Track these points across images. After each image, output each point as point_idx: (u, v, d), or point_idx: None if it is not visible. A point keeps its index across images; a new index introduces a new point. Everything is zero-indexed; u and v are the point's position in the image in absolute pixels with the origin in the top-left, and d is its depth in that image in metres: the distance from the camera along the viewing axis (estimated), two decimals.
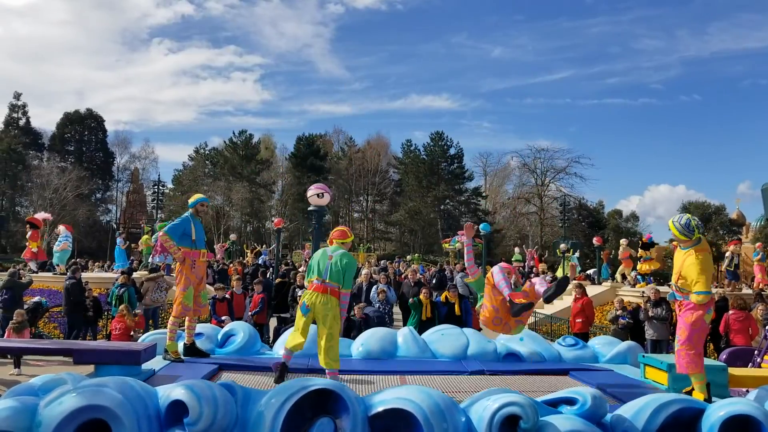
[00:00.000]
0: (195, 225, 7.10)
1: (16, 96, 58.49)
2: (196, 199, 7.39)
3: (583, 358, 7.88)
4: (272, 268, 19.21)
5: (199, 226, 7.19)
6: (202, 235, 7.19)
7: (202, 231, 7.26)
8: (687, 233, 5.67)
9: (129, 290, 12.81)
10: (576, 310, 12.81)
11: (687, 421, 4.46)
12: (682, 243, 5.79)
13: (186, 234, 7.00)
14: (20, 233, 19.09)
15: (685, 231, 5.67)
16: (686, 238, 5.69)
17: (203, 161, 63.49)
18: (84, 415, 3.97)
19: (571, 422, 4.22)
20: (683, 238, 5.70)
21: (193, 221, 7.12)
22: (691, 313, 5.60)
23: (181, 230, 7.00)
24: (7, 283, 12.66)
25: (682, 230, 5.69)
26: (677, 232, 5.72)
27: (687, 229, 5.67)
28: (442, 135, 62.66)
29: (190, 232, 7.01)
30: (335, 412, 4.19)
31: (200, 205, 7.33)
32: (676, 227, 5.72)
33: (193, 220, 7.13)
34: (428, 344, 7.86)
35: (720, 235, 47.44)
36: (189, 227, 7.03)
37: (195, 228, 7.07)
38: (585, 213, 58.00)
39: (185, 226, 7.03)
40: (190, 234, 7.01)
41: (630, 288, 18.68)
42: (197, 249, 7.06)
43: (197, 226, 7.14)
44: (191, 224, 7.06)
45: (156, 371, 6.25)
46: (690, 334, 5.59)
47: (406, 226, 61.13)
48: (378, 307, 11.66)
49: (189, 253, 6.99)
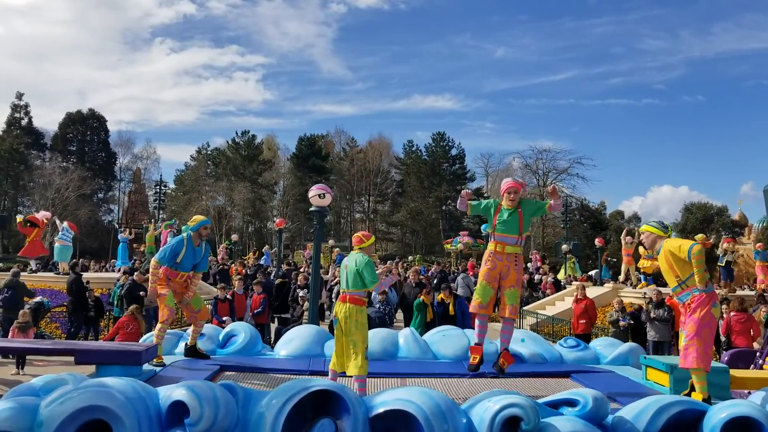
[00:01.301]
0: (187, 249, 7.01)
1: (18, 96, 58.58)
2: (198, 223, 7.22)
3: (584, 359, 7.87)
4: (274, 269, 19.22)
5: (192, 250, 7.06)
6: (190, 260, 7.07)
7: (193, 255, 7.10)
8: (662, 228, 6.04)
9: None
10: (579, 311, 12.81)
11: (688, 423, 4.45)
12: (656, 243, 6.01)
13: (176, 256, 6.97)
14: (22, 233, 19.05)
15: (660, 227, 6.06)
16: (663, 233, 6.00)
17: (205, 161, 63.53)
18: (85, 416, 3.98)
19: (573, 424, 4.21)
20: (660, 233, 6.00)
21: (186, 245, 7.03)
22: (699, 309, 5.63)
23: (173, 255, 6.96)
24: (10, 282, 12.69)
25: (659, 225, 6.08)
26: (654, 228, 6.07)
27: (662, 225, 6.09)
28: (443, 135, 62.70)
29: (178, 255, 6.97)
30: (336, 413, 4.19)
31: (203, 228, 7.19)
32: (652, 225, 6.12)
33: (187, 244, 7.03)
34: (429, 345, 7.85)
35: (722, 236, 47.31)
36: (180, 250, 6.97)
37: (186, 252, 7.00)
38: (587, 214, 57.92)
39: (177, 251, 6.98)
40: (178, 257, 6.96)
41: (631, 289, 18.63)
42: (177, 271, 7.01)
43: (189, 251, 7.02)
44: (183, 248, 6.99)
45: (157, 372, 6.25)
46: (699, 328, 5.60)
47: (407, 227, 61.12)
48: (378, 307, 11.66)
49: (167, 271, 6.96)
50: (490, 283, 6.27)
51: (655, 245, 6.01)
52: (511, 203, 6.34)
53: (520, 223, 6.24)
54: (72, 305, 13.34)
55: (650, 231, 6.05)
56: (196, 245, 7.13)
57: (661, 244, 5.92)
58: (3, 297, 12.43)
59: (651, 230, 6.05)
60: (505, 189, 6.45)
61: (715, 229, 47.55)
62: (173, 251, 6.94)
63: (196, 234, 7.14)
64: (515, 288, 6.27)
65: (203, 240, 7.26)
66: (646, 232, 6.10)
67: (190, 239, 7.08)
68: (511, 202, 6.34)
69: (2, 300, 12.41)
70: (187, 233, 7.16)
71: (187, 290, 7.13)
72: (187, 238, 7.07)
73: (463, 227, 51.05)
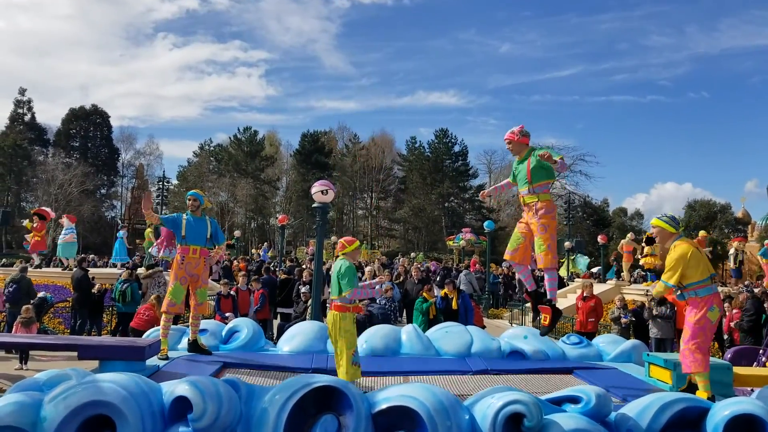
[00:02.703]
0: (187, 220, 7.03)
1: (21, 92, 58.78)
2: (186, 194, 7.43)
3: (587, 356, 7.86)
4: (279, 265, 19.22)
5: (194, 222, 7.07)
6: (195, 232, 7.05)
7: (197, 227, 7.08)
8: (674, 225, 5.90)
9: (132, 286, 12.85)
10: (588, 309, 12.57)
11: (692, 420, 4.45)
12: (667, 240, 5.90)
13: (176, 227, 7.00)
14: (26, 229, 19.09)
15: (672, 223, 5.91)
16: (674, 230, 5.87)
17: (208, 158, 63.62)
18: (88, 411, 3.99)
19: (575, 421, 4.21)
20: (671, 230, 5.87)
21: (186, 216, 7.08)
22: (694, 312, 5.60)
23: (171, 221, 7.03)
24: (16, 277, 12.74)
25: (670, 222, 5.92)
26: (666, 224, 5.91)
27: (674, 221, 5.94)
28: (446, 132, 62.68)
29: (179, 227, 6.99)
30: (339, 409, 4.20)
31: (189, 199, 7.24)
32: (664, 221, 5.94)
33: (187, 216, 7.09)
34: (432, 342, 7.85)
35: (725, 233, 47.26)
36: (179, 221, 7.01)
37: (186, 224, 7.01)
38: (589, 211, 57.88)
39: (176, 219, 7.04)
40: (180, 228, 6.98)
41: (635, 285, 18.61)
42: (187, 245, 7.01)
43: (190, 223, 7.04)
44: (182, 219, 7.03)
45: (160, 367, 6.26)
46: (694, 332, 5.57)
47: (410, 224, 61.12)
48: (384, 304, 11.67)
49: (180, 249, 7.01)
50: (520, 231, 6.41)
51: (667, 241, 5.90)
52: (515, 155, 6.47)
53: (527, 171, 6.24)
54: (78, 301, 13.37)
55: (661, 227, 5.92)
56: (198, 215, 7.16)
57: (673, 240, 5.82)
58: (8, 292, 12.47)
59: (663, 226, 5.91)
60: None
61: (718, 226, 47.50)
62: (172, 217, 7.08)
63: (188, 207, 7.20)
64: (539, 236, 6.18)
65: (204, 215, 7.28)
66: (658, 227, 5.98)
67: (189, 213, 7.14)
68: (513, 153, 6.50)
69: (7, 295, 12.46)
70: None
71: (202, 272, 7.11)
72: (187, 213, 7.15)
73: (465, 224, 51.06)
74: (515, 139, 6.39)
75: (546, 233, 6.12)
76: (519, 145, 6.40)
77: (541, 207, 6.19)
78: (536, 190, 6.25)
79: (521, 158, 6.36)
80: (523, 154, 6.37)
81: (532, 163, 6.22)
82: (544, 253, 6.11)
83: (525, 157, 6.33)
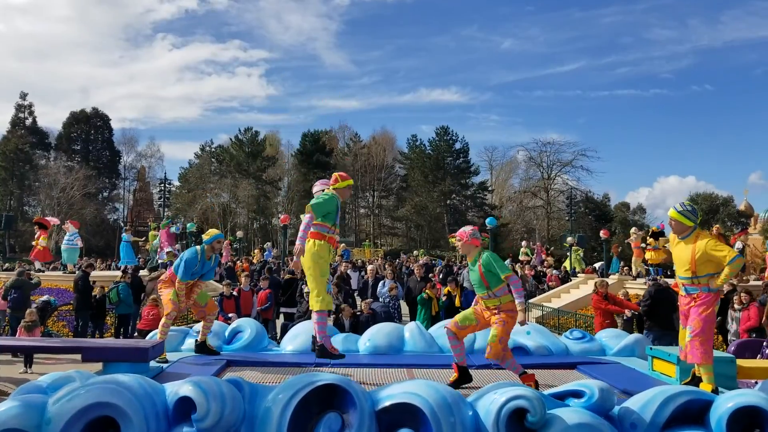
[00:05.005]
0: (200, 263, 7.04)
1: (22, 96, 58.74)
2: (212, 237, 7.23)
3: (590, 351, 7.86)
4: (281, 265, 19.24)
5: (202, 262, 7.06)
6: (198, 271, 7.08)
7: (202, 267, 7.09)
8: (694, 218, 5.80)
9: (119, 287, 12.88)
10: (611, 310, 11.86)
11: (695, 413, 4.44)
12: (683, 232, 5.81)
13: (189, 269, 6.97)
14: (28, 233, 19.21)
15: (692, 216, 5.80)
16: (693, 224, 5.78)
17: (209, 159, 63.64)
18: (92, 413, 4.00)
19: (579, 415, 4.21)
20: (689, 224, 5.78)
21: (200, 257, 7.02)
22: (705, 307, 5.64)
23: (187, 269, 6.94)
24: (16, 282, 12.76)
25: (689, 215, 5.79)
26: (683, 218, 5.79)
27: (693, 213, 5.82)
28: (447, 129, 62.68)
29: (193, 269, 6.99)
30: (342, 407, 4.20)
31: (216, 242, 7.20)
32: (683, 213, 5.80)
33: (201, 256, 7.03)
34: (435, 339, 7.86)
35: (728, 226, 47.22)
36: (193, 265, 6.97)
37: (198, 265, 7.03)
38: (592, 206, 57.85)
39: (191, 265, 6.96)
40: (192, 269, 6.99)
41: (638, 280, 18.59)
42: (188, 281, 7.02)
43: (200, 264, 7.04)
44: (197, 263, 6.99)
45: (164, 368, 6.28)
46: (704, 326, 5.61)
47: (412, 222, 61.15)
48: (388, 302, 11.70)
49: (173, 275, 7.00)
50: (475, 313, 6.10)
51: (685, 231, 5.79)
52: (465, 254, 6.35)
53: (481, 276, 5.92)
54: (78, 303, 13.41)
55: (679, 220, 5.80)
56: (207, 258, 7.13)
57: (692, 232, 5.73)
58: (11, 297, 12.50)
59: (681, 220, 5.79)
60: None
61: (721, 219, 47.49)
62: (187, 266, 6.93)
63: (209, 247, 7.13)
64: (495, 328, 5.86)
65: (215, 252, 7.30)
66: (676, 220, 5.82)
67: (203, 252, 7.07)
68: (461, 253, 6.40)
69: (11, 300, 12.50)
70: (201, 247, 7.15)
71: (190, 297, 7.11)
72: (201, 252, 7.06)
73: (467, 221, 51.00)
74: (465, 240, 6.11)
75: (502, 328, 5.82)
76: (468, 246, 6.13)
77: (505, 308, 5.88)
78: (497, 294, 5.90)
79: (471, 260, 6.09)
80: (473, 256, 6.08)
81: (483, 268, 5.91)
82: (494, 345, 5.79)
83: (474, 260, 6.03)
